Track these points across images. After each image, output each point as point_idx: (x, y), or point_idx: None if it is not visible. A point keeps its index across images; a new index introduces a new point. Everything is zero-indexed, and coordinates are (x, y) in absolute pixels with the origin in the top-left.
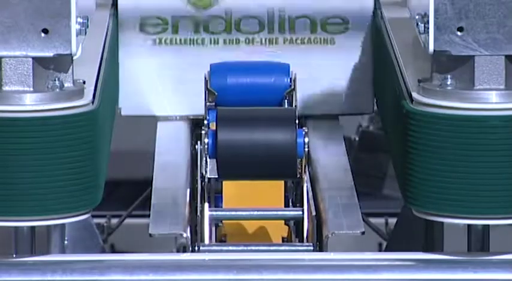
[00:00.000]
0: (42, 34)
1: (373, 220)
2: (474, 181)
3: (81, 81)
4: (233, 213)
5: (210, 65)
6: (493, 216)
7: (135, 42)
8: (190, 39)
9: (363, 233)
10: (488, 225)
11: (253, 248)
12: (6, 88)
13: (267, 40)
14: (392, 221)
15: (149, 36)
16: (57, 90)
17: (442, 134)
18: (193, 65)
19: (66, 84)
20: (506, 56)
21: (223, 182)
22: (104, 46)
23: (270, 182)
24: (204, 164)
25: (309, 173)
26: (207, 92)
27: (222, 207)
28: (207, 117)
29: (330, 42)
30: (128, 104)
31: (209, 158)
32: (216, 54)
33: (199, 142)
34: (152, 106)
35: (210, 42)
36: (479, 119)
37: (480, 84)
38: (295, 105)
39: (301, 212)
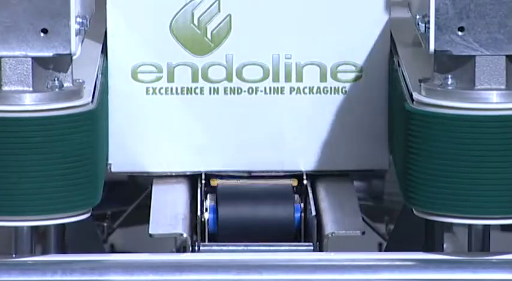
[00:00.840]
0: (42, 34)
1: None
2: (474, 180)
3: (80, 81)
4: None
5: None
6: (493, 216)
7: (126, 90)
8: (187, 89)
9: (363, 233)
10: (488, 225)
11: (253, 248)
12: (5, 88)
13: (272, 89)
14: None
15: (142, 85)
16: (57, 90)
17: (443, 134)
18: (191, 117)
19: (65, 84)
20: (507, 56)
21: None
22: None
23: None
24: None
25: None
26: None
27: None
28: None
29: (341, 92)
30: (118, 160)
31: (209, 232)
32: (215, 105)
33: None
34: (146, 162)
35: (210, 92)
36: (480, 119)
37: (481, 84)
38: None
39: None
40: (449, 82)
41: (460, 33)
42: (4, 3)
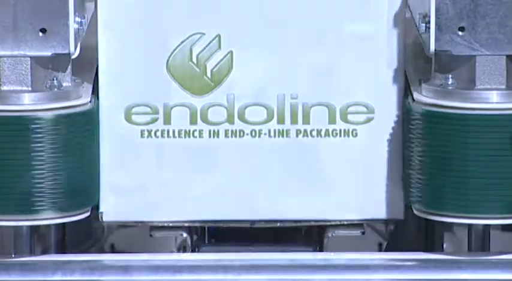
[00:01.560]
0: (40, 33)
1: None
2: (475, 180)
3: (79, 80)
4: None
5: None
6: (493, 216)
7: (119, 133)
8: (185, 131)
9: (363, 233)
10: (488, 225)
11: (253, 248)
12: (4, 88)
13: (277, 132)
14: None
15: (136, 127)
16: (56, 89)
17: (443, 133)
18: (189, 163)
19: (64, 84)
20: (507, 56)
21: None
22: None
23: None
24: None
25: None
26: None
27: None
28: None
29: (352, 134)
30: (110, 208)
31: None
32: (215, 149)
33: None
34: (140, 211)
35: (209, 135)
36: (480, 119)
37: (481, 84)
38: None
39: None
40: (449, 82)
41: (460, 33)
42: (3, 3)
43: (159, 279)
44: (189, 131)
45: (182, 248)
